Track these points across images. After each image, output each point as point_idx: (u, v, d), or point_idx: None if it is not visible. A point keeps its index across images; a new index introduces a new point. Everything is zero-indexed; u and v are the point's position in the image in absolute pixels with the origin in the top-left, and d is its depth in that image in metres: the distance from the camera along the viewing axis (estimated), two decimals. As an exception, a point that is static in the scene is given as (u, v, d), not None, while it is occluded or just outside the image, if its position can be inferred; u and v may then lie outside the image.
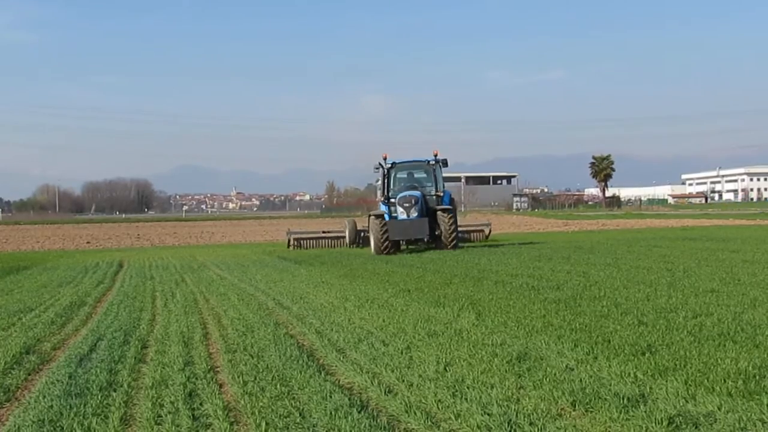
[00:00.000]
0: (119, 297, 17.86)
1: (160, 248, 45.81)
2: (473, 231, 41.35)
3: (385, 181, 33.32)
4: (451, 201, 33.69)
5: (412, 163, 34.44)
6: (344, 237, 38.14)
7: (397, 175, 33.85)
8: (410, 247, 33.20)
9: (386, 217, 31.99)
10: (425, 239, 31.61)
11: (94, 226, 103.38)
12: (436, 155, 33.19)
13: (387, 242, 30.39)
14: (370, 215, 32.21)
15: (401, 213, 31.30)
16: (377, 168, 33.53)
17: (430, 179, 33.96)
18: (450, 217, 31.19)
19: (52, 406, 7.97)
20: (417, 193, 32.05)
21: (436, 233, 31.40)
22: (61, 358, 10.69)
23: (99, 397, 8.32)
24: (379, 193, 36.44)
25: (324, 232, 40.28)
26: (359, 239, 37.40)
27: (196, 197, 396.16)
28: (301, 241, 38.31)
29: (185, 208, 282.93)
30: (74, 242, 55.70)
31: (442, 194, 33.03)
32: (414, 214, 31.18)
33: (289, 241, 38.31)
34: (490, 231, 41.58)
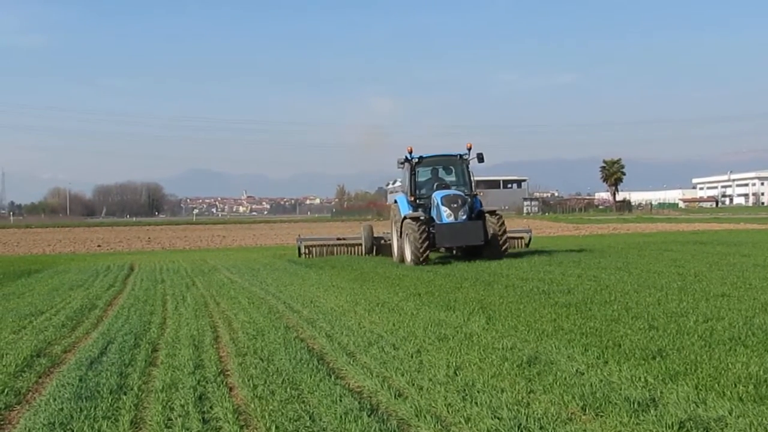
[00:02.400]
0: (130, 300, 17.89)
1: (171, 252, 45.87)
2: (513, 238, 34.35)
3: (412, 178, 28.58)
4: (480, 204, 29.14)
5: (441, 157, 29.65)
6: (360, 244, 34.12)
7: (422, 171, 29.20)
8: (455, 253, 28.56)
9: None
10: (478, 245, 26.49)
11: (105, 229, 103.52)
12: (469, 148, 28.64)
13: (427, 250, 25.88)
14: (405, 218, 27.06)
15: (447, 215, 26.60)
16: (402, 163, 29.04)
17: (462, 177, 29.39)
18: (500, 221, 27.20)
19: (62, 409, 7.99)
20: (460, 191, 27.77)
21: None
22: (72, 361, 10.72)
23: (109, 400, 8.35)
24: (389, 198, 34.76)
25: (338, 238, 36.42)
26: (377, 246, 33.57)
27: (206, 201, 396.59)
28: (313, 249, 34.52)
29: (195, 211, 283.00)
30: (85, 245, 55.78)
31: (476, 195, 28.79)
32: (462, 216, 26.71)
33: (299, 249, 34.35)
34: (530, 238, 35.66)
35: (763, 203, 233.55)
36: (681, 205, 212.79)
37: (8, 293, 20.54)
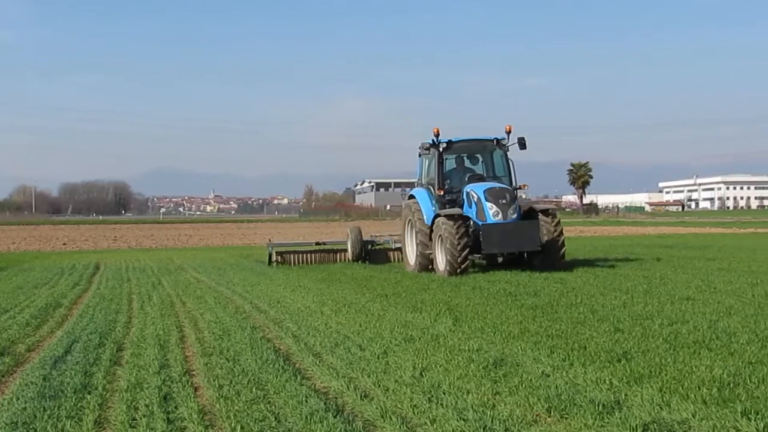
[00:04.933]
0: (95, 299, 17.80)
1: (137, 250, 45.67)
2: None
3: (440, 167, 23.47)
4: None
5: (474, 142, 24.46)
6: (344, 250, 28.92)
7: (447, 160, 24.27)
8: (499, 260, 22.99)
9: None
10: (535, 250, 21.69)
11: (71, 227, 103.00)
12: (509, 132, 23.63)
13: (467, 256, 21.17)
14: (438, 215, 22.02)
15: (493, 213, 21.55)
16: (427, 149, 23.88)
17: (496, 167, 24.45)
18: (557, 223, 22.25)
19: (25, 409, 7.93)
20: (505, 185, 22.97)
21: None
22: (36, 360, 10.66)
23: (73, 399, 8.28)
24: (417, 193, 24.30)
25: (318, 243, 31.24)
26: (365, 252, 28.35)
27: (173, 200, 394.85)
28: (288, 256, 28.77)
29: (163, 210, 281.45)
30: (51, 243, 55.49)
31: (520, 189, 23.70)
32: (513, 215, 21.80)
33: (270, 255, 28.39)
34: None
35: (728, 207, 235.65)
36: (648, 208, 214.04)
37: (-28, 291, 20.34)
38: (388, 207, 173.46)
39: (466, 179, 23.58)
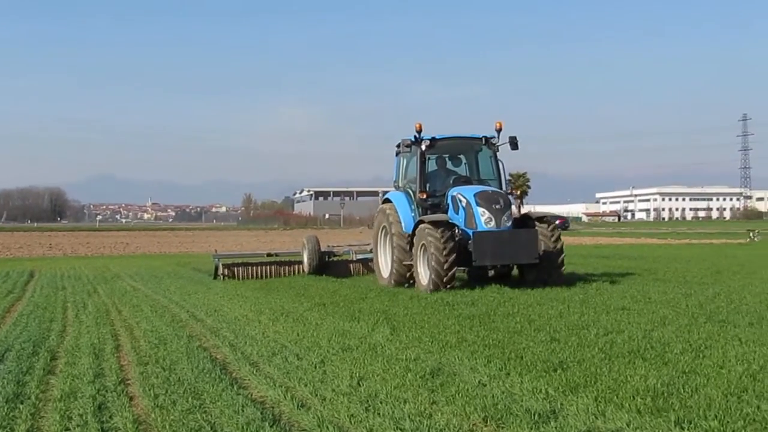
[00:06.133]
0: (29, 307, 17.55)
1: (73, 258, 45.13)
2: None
3: (423, 167, 21.05)
4: None
5: (460, 140, 21.96)
6: (299, 261, 26.01)
7: (430, 161, 21.81)
8: (489, 274, 20.44)
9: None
10: (532, 263, 19.12)
11: (5, 234, 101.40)
12: (499, 129, 21.28)
13: (454, 268, 18.66)
14: (421, 221, 19.43)
15: (485, 220, 19.02)
16: (408, 146, 21.11)
17: (490, 168, 21.90)
18: (555, 232, 19.98)
19: (-45, 419, 7.78)
20: (498, 189, 20.69)
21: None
22: (-33, 369, 10.46)
23: (5, 409, 8.17)
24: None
25: (269, 254, 27.79)
26: (324, 264, 25.49)
27: (110, 207, 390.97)
28: (236, 269, 25.39)
29: (99, 217, 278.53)
30: (-17, 251, 54.59)
31: (510, 194, 21.10)
32: (507, 222, 19.31)
33: (216, 268, 25.20)
34: None
35: (663, 218, 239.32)
36: (584, 219, 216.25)
37: None
38: (327, 216, 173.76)
39: (451, 182, 21.18)
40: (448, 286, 18.42)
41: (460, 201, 19.52)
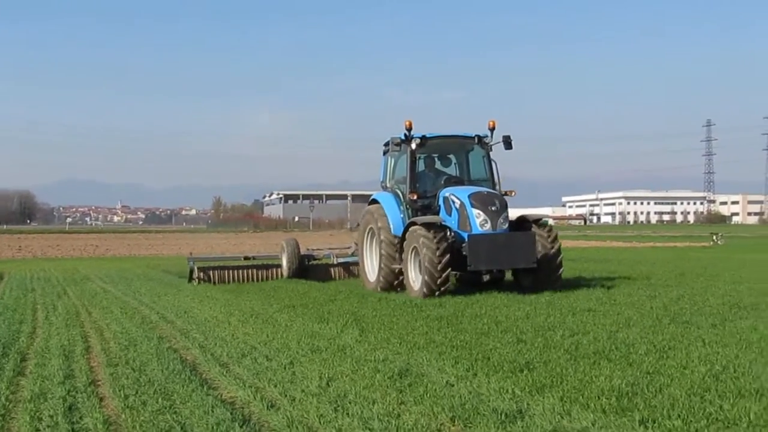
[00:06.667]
0: (-2, 309, 17.40)
1: (43, 260, 44.75)
2: None
3: (413, 166, 20.00)
4: None
5: (451, 139, 20.85)
6: (277, 266, 24.95)
7: (422, 159, 20.75)
8: (485, 279, 18.80)
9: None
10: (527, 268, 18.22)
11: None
12: (492, 128, 20.21)
13: (448, 272, 17.55)
14: (413, 223, 18.46)
15: (481, 223, 18.04)
16: (397, 145, 20.14)
17: (482, 169, 20.75)
18: (553, 235, 19.03)
19: (-76, 420, 7.73)
20: (492, 190, 19.64)
21: None
22: (-64, 370, 10.38)
23: (-25, 410, 8.10)
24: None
25: (246, 258, 26.45)
26: (303, 268, 24.53)
27: (80, 209, 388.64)
28: (212, 273, 24.26)
29: (69, 220, 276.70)
30: (-48, 253, 54.09)
31: (505, 195, 19.82)
32: (504, 225, 18.36)
33: (191, 272, 24.05)
34: None
35: (629, 222, 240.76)
36: (551, 222, 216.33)
37: None
38: (297, 218, 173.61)
39: (442, 182, 20.23)
40: (442, 289, 17.41)
41: (454, 202, 18.65)
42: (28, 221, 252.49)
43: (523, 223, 19.16)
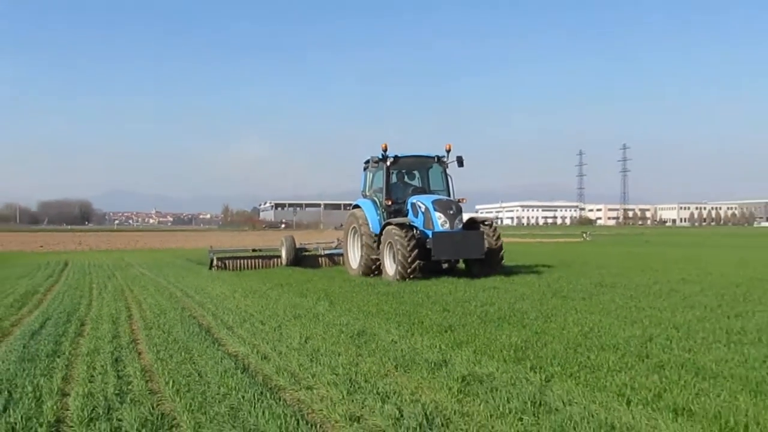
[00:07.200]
0: (64, 288, 17.18)
1: (97, 252, 44.14)
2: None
3: (388, 179, 19.71)
4: None
5: (417, 158, 20.47)
6: (277, 256, 24.55)
7: (394, 174, 20.35)
8: (443, 267, 18.54)
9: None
10: (478, 258, 18.13)
11: (46, 234, 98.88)
12: (449, 150, 19.98)
13: (416, 262, 17.28)
14: (389, 223, 18.37)
15: (441, 223, 18.02)
16: (376, 162, 19.91)
17: (440, 181, 20.44)
18: (497, 233, 19.14)
19: (9, 369, 7.65)
20: (450, 198, 19.59)
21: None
22: (17, 332, 10.25)
23: (46, 362, 8.03)
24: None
25: (254, 250, 25.93)
26: (298, 258, 24.10)
27: (125, 214, 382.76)
28: (227, 262, 23.69)
29: (116, 222, 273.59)
30: (30, 246, 53.32)
31: (461, 201, 19.46)
32: (459, 225, 18.37)
33: (211, 261, 23.49)
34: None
35: (523, 224, 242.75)
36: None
37: (-32, 281, 19.39)
38: (283, 221, 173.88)
39: (410, 192, 20.02)
40: (412, 276, 17.17)
41: (420, 207, 18.47)
42: (86, 223, 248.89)
43: (473, 223, 19.10)
